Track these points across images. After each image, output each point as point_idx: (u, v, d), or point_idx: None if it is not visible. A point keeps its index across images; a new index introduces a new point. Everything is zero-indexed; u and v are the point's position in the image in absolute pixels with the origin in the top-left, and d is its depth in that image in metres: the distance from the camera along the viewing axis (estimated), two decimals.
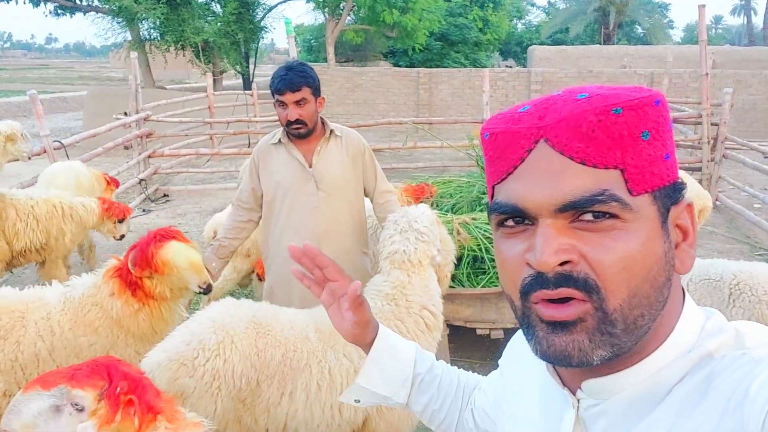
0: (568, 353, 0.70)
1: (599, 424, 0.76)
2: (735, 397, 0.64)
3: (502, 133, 0.75)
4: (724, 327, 0.73)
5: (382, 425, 2.51)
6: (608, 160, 0.68)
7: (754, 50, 22.94)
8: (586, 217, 0.69)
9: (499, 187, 0.76)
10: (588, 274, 0.68)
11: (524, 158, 0.72)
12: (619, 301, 0.68)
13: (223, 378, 2.22)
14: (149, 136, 9.57)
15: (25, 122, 19.58)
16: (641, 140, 0.69)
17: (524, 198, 0.71)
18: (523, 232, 0.74)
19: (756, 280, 3.20)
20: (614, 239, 0.68)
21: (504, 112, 0.78)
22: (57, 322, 2.70)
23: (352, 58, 25.97)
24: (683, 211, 0.74)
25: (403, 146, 9.54)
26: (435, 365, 1.19)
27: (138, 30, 19.68)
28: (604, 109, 0.68)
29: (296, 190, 3.01)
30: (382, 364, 1.13)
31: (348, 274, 3.14)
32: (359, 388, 1.14)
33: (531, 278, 0.71)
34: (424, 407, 1.17)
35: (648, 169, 0.70)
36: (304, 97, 2.88)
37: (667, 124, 0.72)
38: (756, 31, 47.52)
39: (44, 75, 43.20)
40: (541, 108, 0.73)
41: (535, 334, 0.73)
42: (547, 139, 0.70)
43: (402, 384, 1.14)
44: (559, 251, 0.68)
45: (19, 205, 4.65)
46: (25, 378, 2.59)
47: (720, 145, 8.50)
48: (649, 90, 0.72)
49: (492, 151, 0.77)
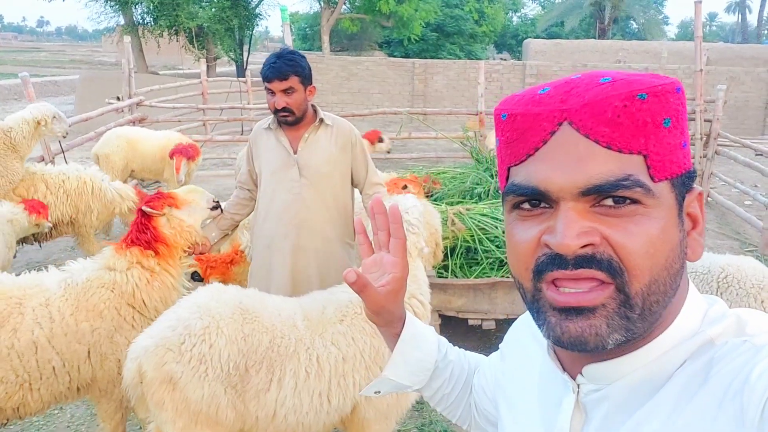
0: (584, 338, 0.69)
1: (600, 409, 0.76)
2: (735, 383, 0.64)
3: (522, 114, 0.73)
4: (725, 314, 0.73)
5: (371, 412, 2.50)
6: (633, 146, 0.68)
7: (748, 48, 23.02)
8: (607, 202, 0.68)
9: (517, 169, 0.75)
10: (612, 256, 0.68)
11: (547, 140, 0.71)
12: (641, 285, 0.68)
13: (209, 362, 2.21)
14: (142, 121, 9.50)
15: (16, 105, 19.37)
16: (663, 127, 0.69)
17: (546, 180, 0.70)
18: (541, 215, 0.73)
19: (743, 273, 3.23)
20: (636, 224, 0.68)
21: (522, 93, 0.77)
22: (57, 308, 2.66)
23: (347, 47, 25.89)
24: (694, 200, 0.74)
25: (397, 136, 9.52)
26: (449, 351, 1.18)
27: (131, 14, 19.52)
28: (629, 94, 0.68)
29: (280, 176, 3.02)
30: (408, 355, 1.10)
31: (327, 264, 3.13)
32: (386, 380, 1.11)
33: (546, 257, 0.71)
34: (435, 391, 1.16)
35: (668, 156, 0.70)
36: (291, 86, 2.88)
37: (685, 112, 0.72)
38: (750, 29, 47.70)
39: (35, 58, 42.81)
40: (563, 91, 0.72)
41: (547, 320, 0.72)
42: (571, 122, 0.69)
43: (424, 372, 1.13)
44: (581, 234, 0.68)
45: (50, 180, 5.13)
46: (22, 365, 2.56)
47: (713, 142, 8.54)
48: (668, 77, 0.71)
49: (510, 133, 0.75)
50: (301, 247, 3.02)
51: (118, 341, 2.72)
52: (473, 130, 7.44)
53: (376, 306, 1.03)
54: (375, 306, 1.03)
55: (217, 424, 2.26)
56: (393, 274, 1.02)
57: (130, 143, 7.01)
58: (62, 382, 2.68)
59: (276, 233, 3.03)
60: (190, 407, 2.22)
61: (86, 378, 2.74)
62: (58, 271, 2.85)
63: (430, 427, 3.45)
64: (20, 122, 4.95)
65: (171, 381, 2.21)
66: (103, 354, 2.72)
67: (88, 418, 3.53)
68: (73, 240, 5.69)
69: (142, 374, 2.25)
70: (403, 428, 3.42)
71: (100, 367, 2.74)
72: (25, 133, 4.92)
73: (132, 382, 2.30)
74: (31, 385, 2.60)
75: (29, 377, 2.58)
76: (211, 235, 3.07)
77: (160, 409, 2.24)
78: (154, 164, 7.08)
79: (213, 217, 3.11)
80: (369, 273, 1.04)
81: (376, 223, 1.04)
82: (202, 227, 3.01)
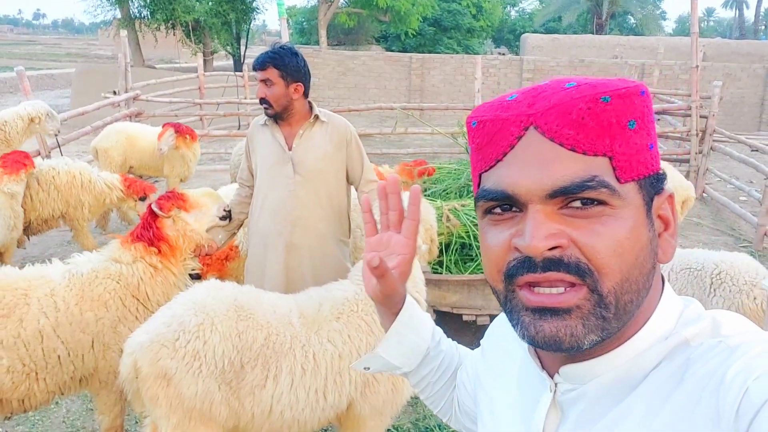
0: (559, 338, 0.70)
1: (575, 408, 0.77)
2: (710, 384, 0.65)
3: (491, 120, 0.75)
4: (701, 315, 0.74)
5: (367, 408, 2.52)
6: (597, 148, 0.69)
7: (745, 44, 23.03)
8: (575, 204, 0.70)
9: (487, 174, 0.76)
10: (579, 258, 0.69)
11: (514, 145, 0.72)
12: (612, 284, 0.69)
13: (203, 359, 2.23)
14: (138, 115, 9.48)
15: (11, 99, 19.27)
16: (628, 129, 0.70)
17: (514, 184, 0.72)
18: (511, 219, 0.74)
19: (737, 269, 3.25)
20: (604, 224, 0.69)
21: (491, 102, 0.78)
22: (62, 298, 2.70)
23: (344, 42, 25.79)
24: (665, 202, 0.76)
25: (394, 132, 9.51)
26: (442, 341, 1.19)
27: (128, 7, 19.44)
28: (593, 97, 0.69)
29: (274, 173, 3.02)
30: (403, 335, 1.11)
31: (321, 261, 3.12)
32: (378, 356, 1.11)
33: (517, 262, 0.72)
34: (421, 378, 1.17)
35: (634, 157, 0.71)
36: (269, 78, 2.90)
37: (650, 114, 0.74)
38: (747, 24, 47.69)
39: (31, 51, 42.60)
40: (530, 96, 0.74)
41: (521, 320, 0.73)
42: (537, 126, 0.71)
43: (415, 357, 1.14)
44: (549, 236, 0.69)
45: (41, 176, 5.11)
46: (28, 354, 2.60)
47: (708, 138, 8.56)
48: (633, 81, 0.73)
49: (480, 139, 0.77)
50: (294, 244, 3.02)
51: (122, 332, 2.76)
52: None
53: (390, 289, 1.02)
54: (389, 289, 1.02)
55: (210, 421, 2.27)
56: (403, 255, 1.02)
57: (130, 139, 7.00)
58: (67, 371, 2.73)
59: (270, 230, 3.03)
60: (184, 403, 2.23)
61: (89, 368, 2.79)
62: (62, 263, 2.90)
63: (424, 422, 3.47)
64: (15, 117, 5.04)
65: (165, 377, 2.23)
66: (106, 344, 2.77)
67: (83, 413, 3.53)
68: (69, 234, 5.71)
69: (137, 369, 2.27)
70: (398, 423, 3.43)
71: (103, 357, 2.78)
72: (18, 129, 5.01)
73: (128, 377, 2.31)
74: (37, 374, 2.65)
75: (35, 366, 2.63)
76: (217, 237, 3.08)
77: (155, 404, 2.26)
78: (153, 161, 7.07)
79: (220, 226, 3.10)
80: (372, 252, 1.02)
81: (387, 202, 1.03)
82: (207, 231, 3.02)
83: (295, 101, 2.98)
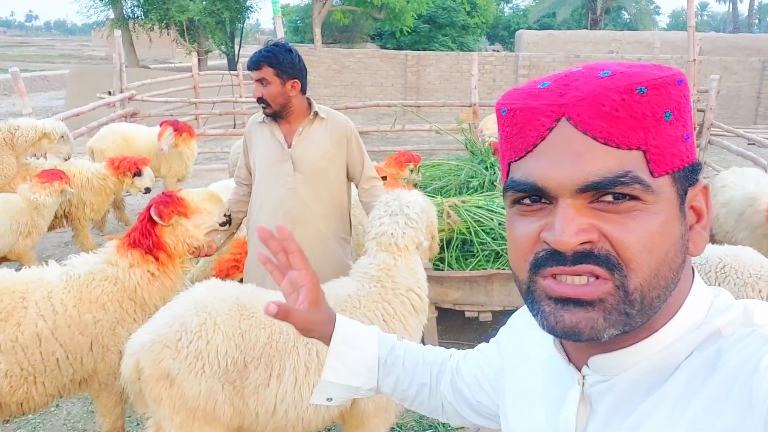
0: (579, 329, 0.69)
1: (605, 401, 0.75)
2: (743, 372, 0.63)
3: (521, 109, 0.72)
4: (732, 305, 0.73)
5: (371, 406, 2.50)
6: (631, 141, 0.67)
7: (741, 37, 23.08)
8: (606, 198, 0.68)
9: (516, 164, 0.74)
10: (609, 251, 0.67)
11: (545, 136, 0.70)
12: (640, 281, 0.67)
13: (206, 359, 2.20)
14: (134, 115, 9.45)
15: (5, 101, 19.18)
16: (664, 120, 0.68)
17: (544, 177, 0.70)
18: (540, 210, 0.72)
19: (741, 263, 3.23)
20: (635, 220, 0.67)
21: (522, 87, 0.76)
22: (59, 301, 2.67)
23: (339, 40, 25.77)
24: (699, 193, 0.74)
25: (391, 129, 9.49)
26: (396, 345, 1.17)
27: (121, 8, 19.38)
28: (627, 88, 0.66)
29: (274, 171, 2.98)
30: (343, 354, 1.11)
31: (322, 260, 3.11)
32: (328, 384, 1.12)
33: (546, 253, 0.70)
34: (392, 389, 1.16)
35: (669, 150, 0.68)
36: (264, 77, 2.86)
37: (687, 104, 0.71)
38: (741, 18, 47.83)
39: (24, 52, 42.46)
40: (562, 84, 0.71)
41: (541, 309, 0.72)
42: (569, 118, 0.68)
43: (368, 371, 1.13)
44: (579, 231, 0.67)
45: None
46: (26, 358, 2.57)
47: (706, 132, 8.57)
48: (670, 69, 0.70)
49: (509, 128, 0.74)
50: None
51: (120, 333, 2.73)
52: (467, 122, 7.42)
53: (305, 324, 1.08)
54: (304, 324, 1.09)
55: (214, 421, 2.25)
56: (305, 286, 1.08)
57: (126, 140, 6.98)
58: (66, 374, 2.69)
59: (270, 228, 2.99)
60: (188, 404, 2.21)
61: (88, 370, 2.75)
62: (58, 265, 2.86)
63: (428, 419, 3.45)
64: (29, 126, 5.10)
65: (168, 377, 2.20)
66: (105, 346, 2.74)
67: (84, 415, 3.51)
68: (66, 236, 5.71)
69: (139, 370, 2.24)
70: (402, 421, 3.42)
71: (102, 359, 2.75)
72: (28, 138, 5.06)
73: (130, 378, 2.29)
74: (36, 378, 2.61)
75: (34, 370, 2.60)
76: (216, 237, 3.03)
77: (158, 405, 2.23)
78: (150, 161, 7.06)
79: (219, 231, 3.04)
80: (289, 295, 1.09)
81: (270, 249, 1.09)
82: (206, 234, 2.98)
83: (293, 98, 2.94)
